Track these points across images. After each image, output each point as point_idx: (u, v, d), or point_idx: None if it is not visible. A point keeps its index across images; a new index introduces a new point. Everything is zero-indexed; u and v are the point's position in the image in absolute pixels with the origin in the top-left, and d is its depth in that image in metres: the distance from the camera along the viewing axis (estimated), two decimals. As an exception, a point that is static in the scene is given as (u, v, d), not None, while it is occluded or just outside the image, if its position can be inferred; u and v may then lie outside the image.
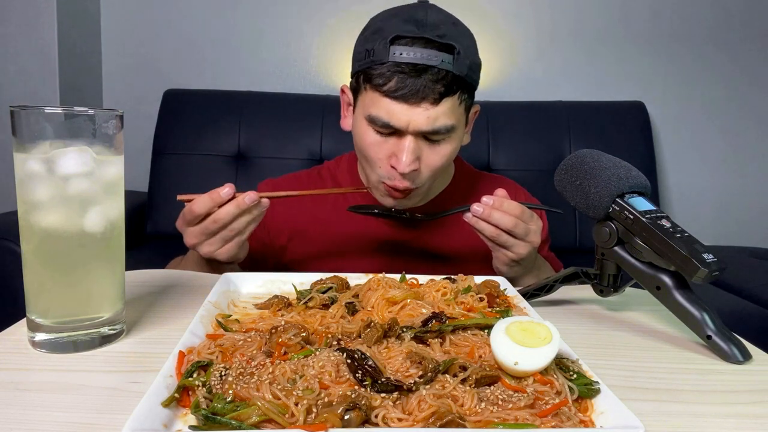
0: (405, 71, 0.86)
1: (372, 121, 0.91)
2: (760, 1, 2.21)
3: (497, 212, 0.82)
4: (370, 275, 0.72)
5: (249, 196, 0.79)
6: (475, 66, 0.93)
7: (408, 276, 0.72)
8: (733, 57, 2.24)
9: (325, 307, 0.62)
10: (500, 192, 0.85)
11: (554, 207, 0.92)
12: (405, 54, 0.86)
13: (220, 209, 0.79)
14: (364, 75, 0.92)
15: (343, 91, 1.05)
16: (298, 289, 0.68)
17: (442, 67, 0.85)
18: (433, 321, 0.54)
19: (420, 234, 1.04)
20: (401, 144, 0.90)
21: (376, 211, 0.94)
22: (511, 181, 1.17)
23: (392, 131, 0.91)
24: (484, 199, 0.83)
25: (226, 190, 0.79)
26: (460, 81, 0.88)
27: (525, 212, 0.84)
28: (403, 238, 1.04)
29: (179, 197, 0.82)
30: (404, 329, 0.53)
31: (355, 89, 0.97)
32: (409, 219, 0.95)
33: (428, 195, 1.10)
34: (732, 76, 2.25)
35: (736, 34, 2.23)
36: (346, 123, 1.05)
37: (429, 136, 0.91)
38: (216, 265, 0.88)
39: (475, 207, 0.83)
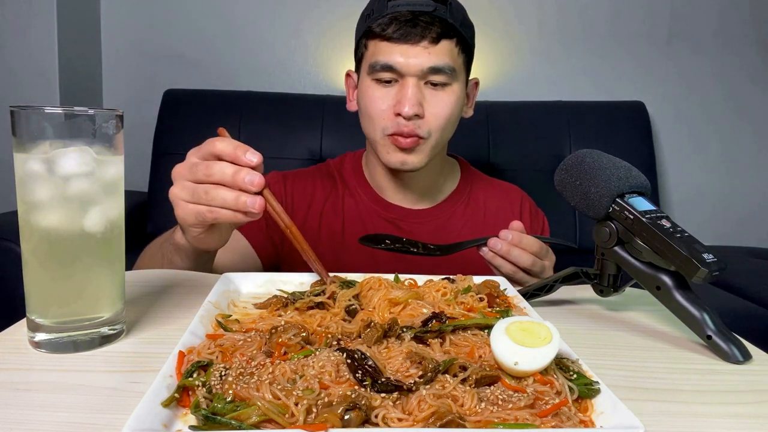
0: (402, 17, 0.92)
1: (374, 68, 0.95)
2: (760, 2, 2.21)
3: (516, 249, 0.81)
4: (368, 275, 0.72)
5: (252, 177, 0.64)
6: (468, 24, 0.99)
7: (405, 276, 0.71)
8: (732, 57, 2.24)
9: (319, 306, 0.62)
10: (517, 225, 0.83)
11: (554, 207, 0.92)
12: (401, 5, 0.92)
13: (220, 162, 0.66)
14: (365, 34, 0.97)
15: (348, 75, 1.09)
16: (289, 291, 0.67)
17: (436, 13, 0.92)
18: (433, 321, 0.54)
19: (428, 264, 0.98)
20: (404, 89, 0.93)
21: (387, 242, 0.85)
22: (517, 188, 1.17)
23: (394, 78, 0.95)
24: (503, 233, 0.81)
25: (254, 159, 0.65)
26: (455, 29, 0.94)
27: (542, 248, 0.83)
28: (410, 269, 1.01)
29: (220, 130, 0.72)
30: (404, 329, 0.53)
31: (359, 59, 1.01)
32: (419, 251, 0.85)
33: (436, 197, 1.10)
34: (732, 76, 2.25)
35: (736, 34, 2.23)
36: (352, 105, 1.08)
37: (431, 78, 0.94)
38: (188, 252, 0.79)
39: (493, 242, 0.81)
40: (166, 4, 2.16)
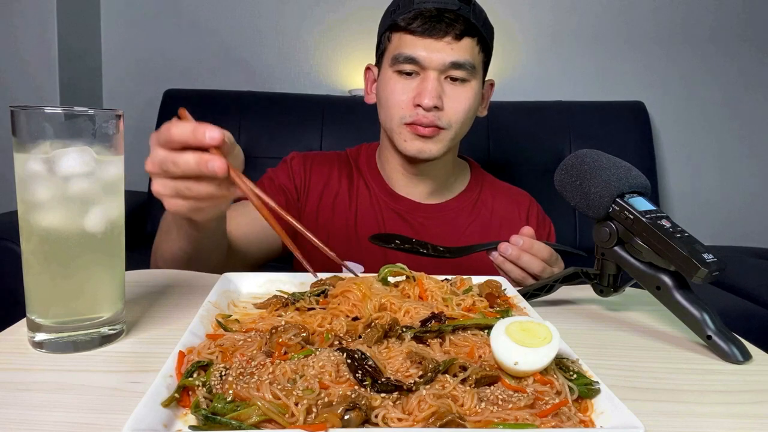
0: (427, 13, 0.95)
1: (397, 60, 0.98)
2: (760, 2, 2.21)
3: (526, 255, 0.81)
4: (368, 275, 0.72)
5: (213, 163, 0.59)
6: (489, 26, 1.03)
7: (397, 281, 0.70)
8: (733, 57, 2.24)
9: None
10: (527, 231, 0.83)
11: (554, 207, 0.92)
12: (427, 2, 0.96)
13: (184, 153, 0.60)
14: (389, 27, 1.00)
15: (368, 68, 1.11)
16: (289, 292, 0.67)
17: (460, 12, 0.95)
18: (433, 321, 0.54)
19: (436, 266, 0.97)
20: (425, 82, 0.96)
21: (397, 242, 0.83)
22: (526, 193, 1.18)
23: (416, 70, 0.97)
24: (514, 239, 0.81)
25: (215, 134, 0.59)
26: (476, 29, 0.97)
27: (552, 255, 0.84)
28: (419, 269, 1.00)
29: (181, 111, 0.65)
30: (404, 329, 0.53)
31: (381, 52, 1.04)
32: (429, 252, 0.84)
33: (445, 194, 1.11)
34: (732, 76, 2.25)
35: (736, 34, 2.23)
36: (370, 98, 1.10)
37: (451, 73, 0.97)
38: (188, 222, 0.75)
39: (504, 247, 0.81)
40: (167, 4, 2.16)
